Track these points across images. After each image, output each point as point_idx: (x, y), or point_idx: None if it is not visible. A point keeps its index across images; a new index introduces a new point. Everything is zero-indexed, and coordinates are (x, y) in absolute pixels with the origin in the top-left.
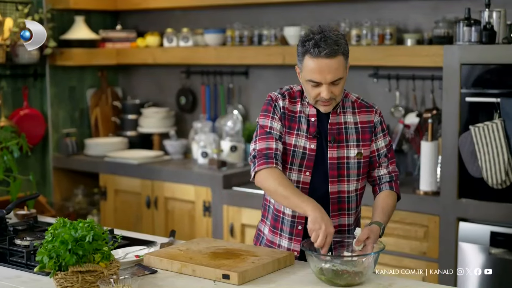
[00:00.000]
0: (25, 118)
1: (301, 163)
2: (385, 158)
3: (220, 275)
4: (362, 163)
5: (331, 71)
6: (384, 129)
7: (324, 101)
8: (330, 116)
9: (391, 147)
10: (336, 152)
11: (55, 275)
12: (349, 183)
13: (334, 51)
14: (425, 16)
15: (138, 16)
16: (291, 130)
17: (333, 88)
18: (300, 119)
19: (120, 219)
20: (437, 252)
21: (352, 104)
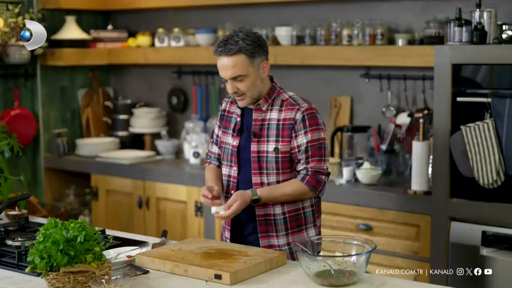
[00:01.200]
0: (16, 118)
1: (229, 159)
2: (304, 155)
3: (212, 275)
4: (281, 158)
5: (228, 68)
6: (307, 126)
7: (236, 96)
8: (253, 112)
9: (318, 145)
10: (257, 146)
11: (47, 275)
12: (268, 176)
13: (229, 50)
14: (416, 16)
15: (130, 16)
16: (226, 129)
17: (238, 84)
18: (231, 119)
19: (111, 219)
20: (428, 251)
21: (282, 102)
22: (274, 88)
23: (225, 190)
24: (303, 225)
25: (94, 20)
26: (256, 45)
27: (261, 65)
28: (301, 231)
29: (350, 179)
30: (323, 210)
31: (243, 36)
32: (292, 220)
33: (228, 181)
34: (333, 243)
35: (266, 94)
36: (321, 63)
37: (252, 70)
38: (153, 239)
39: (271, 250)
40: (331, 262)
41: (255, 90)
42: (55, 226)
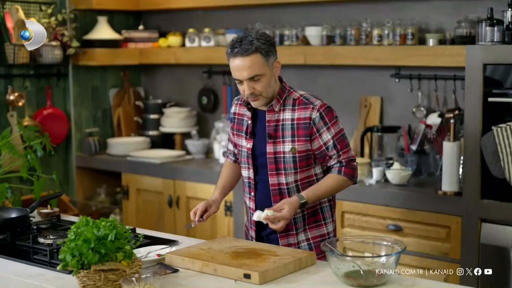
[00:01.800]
0: (48, 118)
1: (246, 161)
2: (334, 150)
3: (241, 274)
4: (298, 157)
5: (245, 68)
6: (327, 122)
7: (251, 97)
8: (266, 114)
9: (341, 136)
10: (273, 147)
11: (78, 273)
12: (287, 176)
13: (246, 50)
14: (447, 16)
15: (160, 16)
16: (239, 132)
17: (254, 84)
18: (243, 122)
19: (142, 218)
20: (459, 253)
21: (293, 101)
22: (284, 88)
23: (246, 191)
24: (321, 220)
25: (126, 20)
26: (269, 44)
27: (274, 64)
28: (320, 226)
29: (380, 179)
30: (352, 210)
31: (257, 36)
32: (310, 216)
33: (248, 183)
34: (363, 243)
35: (278, 94)
36: (351, 63)
37: (267, 69)
38: (183, 238)
39: (300, 250)
40: (360, 262)
41: (270, 89)
42: (87, 224)
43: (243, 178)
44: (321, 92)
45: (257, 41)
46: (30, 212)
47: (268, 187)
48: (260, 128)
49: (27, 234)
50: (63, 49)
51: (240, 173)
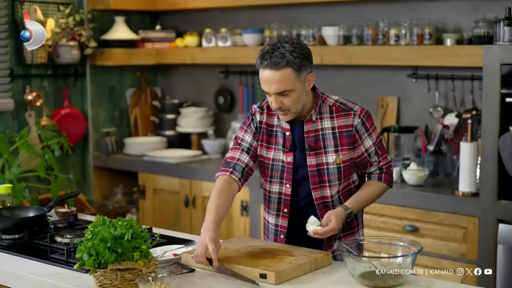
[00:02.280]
0: (66, 118)
1: (281, 176)
2: (376, 157)
3: (257, 274)
4: (342, 168)
5: (274, 83)
6: (369, 128)
7: (279, 111)
8: (304, 125)
9: (380, 141)
10: (315, 160)
11: (95, 272)
12: (331, 188)
13: (276, 63)
14: (464, 16)
15: (177, 17)
16: (269, 145)
17: (283, 99)
18: (277, 133)
19: (158, 217)
20: (476, 254)
21: (330, 108)
22: (318, 95)
23: (274, 207)
24: (355, 227)
25: (143, 20)
26: (303, 58)
27: (307, 78)
28: (353, 233)
29: (396, 180)
30: (368, 211)
31: (290, 48)
32: (345, 224)
33: (279, 199)
34: (379, 244)
35: (314, 103)
36: (368, 63)
37: (298, 84)
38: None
39: (316, 250)
40: (376, 263)
41: (300, 104)
42: (103, 223)
43: (267, 194)
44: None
45: (290, 54)
46: (48, 211)
47: (308, 202)
48: (297, 139)
49: (45, 233)
50: (80, 49)
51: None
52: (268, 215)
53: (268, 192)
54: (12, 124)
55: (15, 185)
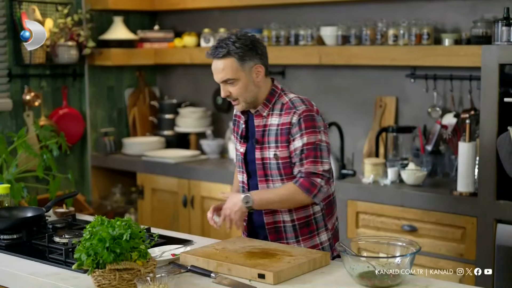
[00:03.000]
0: (64, 117)
1: (240, 165)
2: (298, 158)
3: (256, 274)
4: (282, 164)
5: (219, 72)
6: (303, 129)
7: (232, 100)
8: (254, 119)
9: (314, 147)
10: (260, 153)
11: (93, 272)
12: (274, 183)
13: (218, 53)
14: (463, 16)
15: (176, 16)
16: (236, 135)
17: (229, 88)
18: (239, 125)
19: (157, 218)
20: (474, 254)
21: (281, 106)
22: (275, 91)
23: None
24: (314, 231)
25: (141, 20)
26: (247, 49)
27: (254, 69)
28: (313, 237)
29: (394, 180)
30: (367, 211)
31: (234, 39)
32: (302, 227)
33: (242, 187)
34: (377, 244)
35: (266, 99)
36: (367, 63)
37: (243, 74)
38: (198, 238)
39: (315, 250)
40: (375, 263)
41: (248, 94)
42: (102, 224)
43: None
44: (337, 92)
45: (233, 44)
46: (46, 212)
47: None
48: (251, 132)
49: (43, 233)
50: (79, 49)
51: None
52: None
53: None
54: (11, 124)
55: (13, 185)
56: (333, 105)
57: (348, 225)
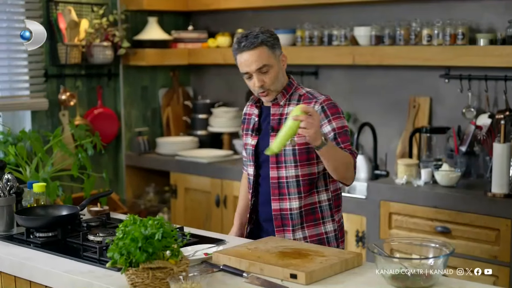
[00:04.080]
0: (99, 117)
1: (249, 159)
2: (334, 142)
3: (288, 274)
4: (298, 150)
5: (254, 61)
6: (329, 115)
7: (261, 92)
8: (271, 108)
9: (344, 132)
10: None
11: (126, 271)
12: (287, 169)
13: (252, 43)
14: (498, 16)
15: (210, 17)
16: (247, 132)
17: (263, 77)
18: (250, 120)
19: (190, 217)
20: (508, 256)
21: (299, 97)
22: (292, 83)
23: (249, 187)
24: (319, 219)
25: (175, 20)
26: (274, 38)
27: (281, 57)
28: (318, 225)
29: (428, 180)
30: (400, 212)
31: (261, 31)
32: (308, 214)
33: (249, 179)
34: (410, 245)
35: (284, 89)
36: (400, 63)
37: (275, 61)
38: (230, 238)
39: (347, 251)
40: (407, 264)
41: (278, 83)
42: (134, 223)
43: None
44: (370, 93)
45: (262, 34)
46: (81, 210)
47: (268, 182)
48: (266, 124)
49: (77, 232)
50: (114, 49)
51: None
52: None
53: (248, 175)
54: (46, 123)
55: (49, 184)
56: (366, 106)
57: (381, 226)
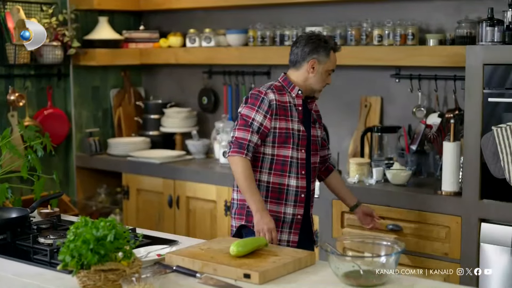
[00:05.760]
0: (49, 118)
1: (298, 143)
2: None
3: (241, 274)
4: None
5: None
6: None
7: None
8: (309, 104)
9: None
10: (315, 131)
11: (78, 273)
12: (317, 156)
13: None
14: (447, 16)
15: (161, 17)
16: (285, 117)
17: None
18: (291, 108)
19: (142, 218)
20: (459, 253)
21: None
22: None
23: (294, 171)
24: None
25: (126, 20)
26: None
27: None
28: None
29: (379, 179)
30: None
31: None
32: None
33: (297, 163)
34: (362, 243)
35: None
36: (352, 63)
37: None
38: (183, 238)
39: (300, 250)
40: (360, 262)
41: None
42: (86, 225)
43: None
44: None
45: None
46: (31, 212)
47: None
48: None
49: (28, 234)
50: (64, 49)
51: None
52: (289, 179)
53: (283, 157)
54: None
55: None
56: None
57: (334, 224)
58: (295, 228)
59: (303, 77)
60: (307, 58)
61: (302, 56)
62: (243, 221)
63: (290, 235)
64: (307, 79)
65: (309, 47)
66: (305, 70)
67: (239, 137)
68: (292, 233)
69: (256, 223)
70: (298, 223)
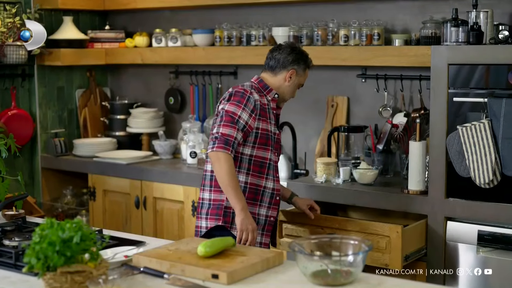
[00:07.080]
0: (13, 118)
1: (274, 146)
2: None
3: (209, 275)
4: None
5: None
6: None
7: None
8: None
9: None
10: (280, 135)
11: (44, 275)
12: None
13: None
14: (412, 17)
15: (127, 16)
16: (265, 118)
17: None
18: (269, 110)
19: (109, 219)
20: (425, 251)
21: None
22: None
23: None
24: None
25: (92, 20)
26: None
27: None
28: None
29: (346, 179)
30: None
31: None
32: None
33: (274, 166)
34: (330, 242)
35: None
36: (318, 63)
37: None
38: (150, 239)
39: (268, 250)
40: (327, 261)
41: None
42: (51, 226)
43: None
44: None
45: None
46: None
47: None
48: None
49: None
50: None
51: None
52: (266, 181)
53: (262, 159)
54: None
55: None
56: (285, 105)
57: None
58: (267, 230)
59: (278, 84)
60: (288, 67)
61: (284, 64)
62: (220, 221)
63: (263, 237)
64: (281, 87)
65: (292, 57)
66: (282, 77)
67: (226, 133)
68: (264, 235)
69: (240, 222)
70: (271, 225)
